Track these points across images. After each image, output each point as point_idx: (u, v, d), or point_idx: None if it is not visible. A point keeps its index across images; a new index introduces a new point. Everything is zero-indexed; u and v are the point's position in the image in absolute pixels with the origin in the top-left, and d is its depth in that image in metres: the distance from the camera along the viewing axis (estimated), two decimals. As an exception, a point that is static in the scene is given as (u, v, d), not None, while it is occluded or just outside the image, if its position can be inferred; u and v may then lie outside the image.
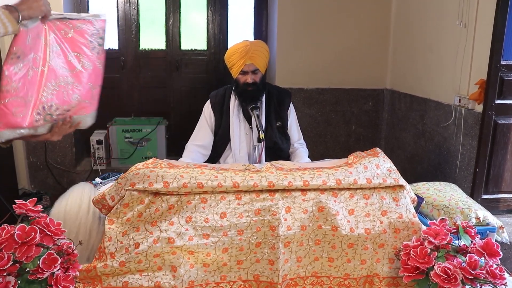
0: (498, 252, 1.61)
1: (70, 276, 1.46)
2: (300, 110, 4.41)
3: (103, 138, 4.19)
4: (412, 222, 1.77)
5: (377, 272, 1.75)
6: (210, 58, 4.78)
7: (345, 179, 1.76)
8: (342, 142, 4.76)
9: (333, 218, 1.70)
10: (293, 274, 1.71)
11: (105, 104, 4.54)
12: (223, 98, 2.73)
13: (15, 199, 1.62)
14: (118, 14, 4.51)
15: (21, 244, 1.41)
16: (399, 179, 1.84)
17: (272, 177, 1.71)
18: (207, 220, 1.66)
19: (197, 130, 2.77)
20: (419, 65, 4.08)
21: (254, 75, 2.59)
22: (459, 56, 3.40)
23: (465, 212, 2.18)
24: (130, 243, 1.60)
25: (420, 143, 4.04)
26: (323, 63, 4.50)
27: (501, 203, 3.37)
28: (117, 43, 4.58)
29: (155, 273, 1.59)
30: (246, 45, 2.58)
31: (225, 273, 1.66)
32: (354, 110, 4.69)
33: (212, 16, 4.71)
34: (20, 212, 1.56)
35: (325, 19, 4.42)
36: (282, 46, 4.42)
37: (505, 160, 3.27)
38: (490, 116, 3.17)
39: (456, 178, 3.46)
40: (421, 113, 4.01)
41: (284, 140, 2.74)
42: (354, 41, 4.51)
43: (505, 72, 3.11)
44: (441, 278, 1.52)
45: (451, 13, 3.51)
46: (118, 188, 1.68)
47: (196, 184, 1.66)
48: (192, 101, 4.73)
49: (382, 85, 4.69)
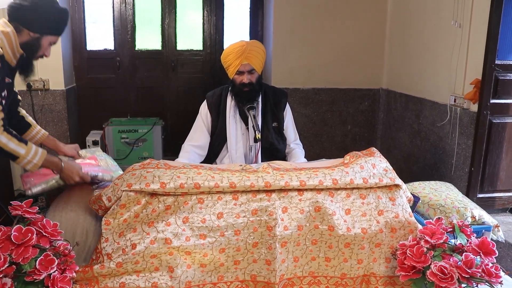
0: (494, 251, 1.62)
1: (67, 277, 1.45)
2: (296, 110, 4.41)
3: (99, 138, 4.18)
4: (409, 221, 1.78)
5: (373, 272, 1.76)
6: (206, 58, 4.78)
7: (342, 179, 1.77)
8: (338, 142, 4.77)
9: (330, 218, 1.71)
10: (290, 274, 1.72)
11: (101, 104, 4.60)
12: (219, 99, 2.73)
13: (10, 200, 1.62)
14: (113, 14, 4.50)
15: (17, 245, 1.41)
16: (395, 178, 1.84)
17: (268, 177, 1.72)
18: (204, 220, 1.66)
19: (193, 131, 2.76)
20: (414, 65, 4.09)
21: (251, 75, 2.59)
22: (454, 56, 3.42)
23: (461, 211, 2.19)
24: (127, 244, 1.60)
25: (416, 143, 4.06)
26: (319, 63, 4.50)
27: (497, 202, 3.38)
28: (113, 44, 4.57)
29: (152, 273, 1.59)
30: (242, 45, 2.58)
31: (222, 273, 1.66)
32: (350, 110, 4.70)
33: (208, 16, 4.70)
34: (16, 213, 1.55)
35: (321, 19, 4.43)
36: (278, 46, 4.43)
37: (500, 159, 3.29)
38: (485, 116, 3.18)
39: (452, 177, 3.47)
40: (417, 112, 4.03)
41: (280, 141, 2.74)
42: (350, 41, 4.52)
43: (499, 71, 3.13)
44: (437, 277, 1.53)
45: (446, 13, 3.53)
46: (114, 189, 1.67)
47: (193, 184, 1.66)
48: (188, 101, 4.73)
49: (378, 85, 4.70)
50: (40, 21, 1.88)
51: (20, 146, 1.79)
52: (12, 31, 1.83)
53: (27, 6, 1.84)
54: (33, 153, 1.83)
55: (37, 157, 1.84)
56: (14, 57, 1.88)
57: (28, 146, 1.82)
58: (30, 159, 1.82)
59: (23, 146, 1.80)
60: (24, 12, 1.84)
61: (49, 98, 3.98)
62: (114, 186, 1.68)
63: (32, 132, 2.22)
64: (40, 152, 1.86)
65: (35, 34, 1.88)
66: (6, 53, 1.83)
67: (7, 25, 1.84)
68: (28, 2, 1.84)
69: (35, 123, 2.25)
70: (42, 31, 1.90)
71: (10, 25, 1.84)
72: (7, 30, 1.83)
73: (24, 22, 1.85)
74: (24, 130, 2.20)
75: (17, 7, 1.84)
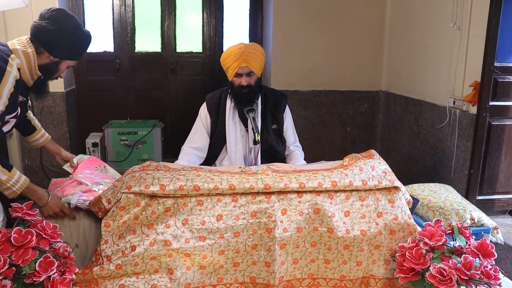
0: (493, 253, 1.62)
1: (66, 279, 1.46)
2: (295, 112, 4.41)
3: (98, 140, 4.18)
4: (408, 223, 1.78)
5: (373, 274, 1.76)
6: (206, 60, 4.78)
7: (341, 181, 1.77)
8: (337, 144, 4.77)
9: (329, 220, 1.71)
10: (290, 276, 1.72)
11: (101, 106, 4.60)
12: (219, 101, 2.74)
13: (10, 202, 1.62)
14: (113, 16, 4.50)
15: (17, 247, 1.41)
16: (395, 180, 1.85)
17: (268, 179, 1.72)
18: (204, 222, 1.66)
19: (193, 132, 2.77)
20: (414, 67, 4.10)
21: (249, 77, 2.60)
22: (454, 58, 3.42)
23: (460, 213, 2.19)
24: (127, 246, 1.60)
25: (415, 145, 4.06)
26: (318, 65, 4.51)
27: (496, 204, 3.38)
28: (112, 46, 4.57)
29: (152, 275, 1.59)
30: (240, 47, 2.59)
31: (221, 275, 1.66)
32: (349, 112, 4.70)
33: (207, 19, 4.71)
34: (16, 215, 1.56)
35: (320, 21, 4.44)
36: (277, 48, 4.43)
37: (499, 161, 3.29)
38: (484, 118, 3.19)
39: (451, 180, 3.47)
40: (416, 115, 4.03)
41: (280, 143, 2.74)
42: (349, 43, 4.53)
43: (498, 74, 3.13)
44: (436, 279, 1.53)
45: (445, 16, 3.53)
46: (114, 191, 1.68)
47: (193, 186, 1.66)
48: (188, 103, 4.73)
49: (377, 87, 4.71)
50: (63, 47, 1.85)
51: (2, 172, 1.70)
52: (33, 52, 1.81)
53: (52, 31, 1.80)
54: (14, 180, 1.74)
55: (17, 185, 1.75)
56: (31, 78, 1.86)
57: (12, 173, 1.73)
58: (10, 186, 1.72)
59: (5, 172, 1.71)
60: (48, 36, 1.81)
61: (48, 100, 3.99)
62: (113, 188, 1.68)
63: (36, 136, 2.26)
64: (22, 181, 1.77)
65: (55, 58, 1.86)
66: (23, 73, 1.81)
67: (29, 45, 1.81)
68: (54, 26, 1.80)
69: (40, 127, 2.28)
70: (62, 57, 1.88)
71: (32, 45, 1.82)
72: (28, 51, 1.80)
73: (46, 45, 1.82)
74: (29, 133, 2.24)
75: (42, 30, 1.81)
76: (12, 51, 1.77)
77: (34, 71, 1.84)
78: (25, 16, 3.60)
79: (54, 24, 1.80)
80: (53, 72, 1.90)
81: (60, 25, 1.81)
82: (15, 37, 1.88)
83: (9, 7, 2.79)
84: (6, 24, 3.73)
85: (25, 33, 1.90)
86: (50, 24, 1.80)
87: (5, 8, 2.85)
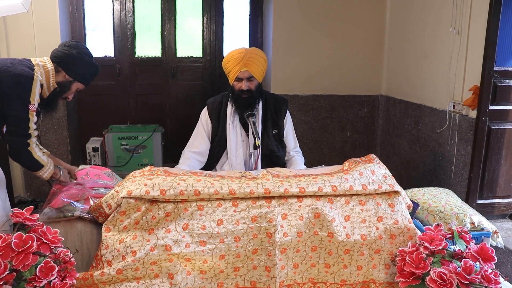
0: (493, 257, 1.62)
1: (67, 284, 1.45)
2: (295, 117, 4.42)
3: (99, 145, 4.19)
4: (408, 227, 1.78)
5: (373, 278, 1.76)
6: (206, 65, 4.79)
7: (341, 186, 1.77)
8: (337, 149, 4.77)
9: (329, 225, 1.71)
10: (290, 280, 1.72)
11: (101, 111, 4.61)
12: (220, 105, 2.74)
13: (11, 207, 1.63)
14: (113, 21, 4.52)
15: (18, 252, 1.41)
16: (395, 185, 1.85)
17: (268, 184, 1.72)
18: (204, 227, 1.66)
19: (193, 137, 2.77)
20: (413, 72, 4.11)
21: (249, 82, 2.60)
22: (453, 63, 3.43)
23: (460, 218, 2.19)
24: (127, 251, 1.61)
25: (415, 149, 4.06)
26: (318, 69, 4.52)
27: (496, 208, 3.39)
28: (113, 51, 4.59)
29: (152, 280, 1.59)
30: (241, 52, 2.60)
31: (222, 280, 1.66)
32: (349, 117, 4.71)
33: (207, 23, 4.73)
34: (17, 220, 1.56)
35: (320, 26, 4.45)
36: (277, 53, 4.45)
37: (499, 165, 3.30)
38: (484, 122, 3.19)
39: (451, 184, 3.48)
40: (416, 119, 4.04)
41: (280, 148, 2.75)
42: (349, 48, 4.54)
43: (498, 78, 3.14)
44: (436, 283, 1.53)
45: (444, 20, 3.55)
46: (114, 196, 1.68)
47: (193, 191, 1.66)
48: (188, 108, 4.74)
49: (377, 92, 4.72)
50: (79, 70, 2.25)
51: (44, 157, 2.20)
52: (52, 68, 2.20)
53: (73, 55, 2.21)
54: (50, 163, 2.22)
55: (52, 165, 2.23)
56: (48, 89, 2.22)
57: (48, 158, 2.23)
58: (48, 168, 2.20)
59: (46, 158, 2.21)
60: (68, 58, 2.21)
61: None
62: (114, 193, 1.69)
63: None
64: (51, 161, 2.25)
65: (70, 78, 2.25)
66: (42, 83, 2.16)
67: (50, 63, 2.20)
68: (75, 52, 2.21)
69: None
70: (76, 78, 2.26)
71: (52, 64, 2.20)
72: (48, 68, 2.19)
73: (65, 66, 2.22)
74: None
75: (63, 52, 2.21)
76: (34, 65, 2.15)
77: (51, 83, 2.21)
78: (25, 21, 3.61)
79: (74, 50, 2.22)
80: (65, 89, 2.27)
81: (79, 51, 2.23)
82: (16, 42, 1.94)
83: (9, 13, 2.82)
84: (6, 29, 3.73)
85: (25, 38, 1.97)
86: (71, 49, 2.22)
87: (6, 13, 2.87)
